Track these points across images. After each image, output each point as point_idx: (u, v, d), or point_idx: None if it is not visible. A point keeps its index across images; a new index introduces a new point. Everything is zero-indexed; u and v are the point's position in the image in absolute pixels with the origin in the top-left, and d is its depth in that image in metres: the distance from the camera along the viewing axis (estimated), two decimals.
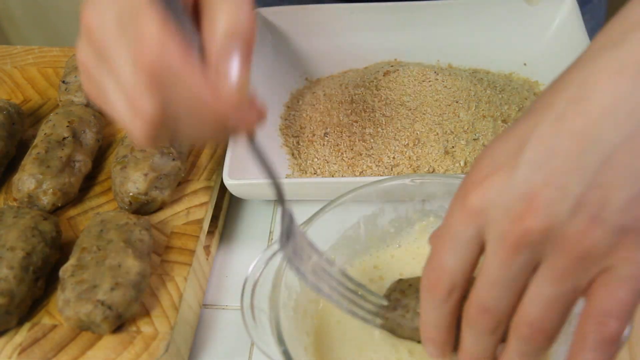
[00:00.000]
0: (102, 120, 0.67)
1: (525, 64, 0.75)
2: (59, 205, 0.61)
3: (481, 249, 0.39)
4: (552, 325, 0.37)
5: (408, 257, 0.55)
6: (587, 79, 0.36)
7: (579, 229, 0.35)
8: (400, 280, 0.50)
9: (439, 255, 0.40)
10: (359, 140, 0.66)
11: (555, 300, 0.37)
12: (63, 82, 0.70)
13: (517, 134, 0.37)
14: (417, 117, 0.66)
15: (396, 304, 0.48)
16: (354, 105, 0.69)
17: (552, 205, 0.35)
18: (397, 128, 0.66)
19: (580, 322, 0.37)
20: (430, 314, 0.41)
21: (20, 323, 0.54)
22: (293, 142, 0.69)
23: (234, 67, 0.40)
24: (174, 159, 0.61)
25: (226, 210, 0.67)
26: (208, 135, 0.42)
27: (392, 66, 0.73)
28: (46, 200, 0.60)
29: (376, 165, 0.65)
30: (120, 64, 0.39)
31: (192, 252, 0.58)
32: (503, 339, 0.40)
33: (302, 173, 0.66)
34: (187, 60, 0.38)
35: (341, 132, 0.67)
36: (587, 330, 0.36)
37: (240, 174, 0.61)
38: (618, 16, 0.37)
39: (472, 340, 0.40)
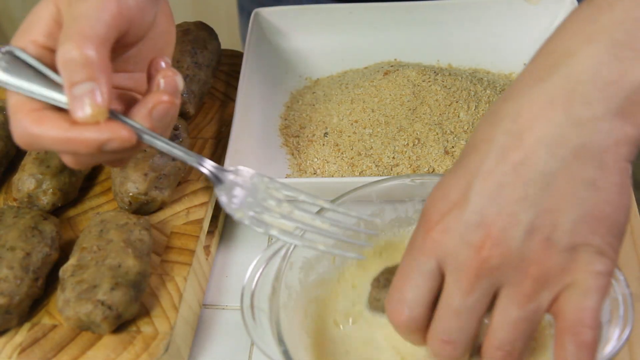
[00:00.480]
0: None
1: (525, 64, 0.75)
2: (59, 205, 0.61)
3: (440, 282, 0.41)
4: (522, 345, 0.40)
5: None
6: (521, 112, 0.39)
7: (534, 252, 0.38)
8: (389, 267, 0.51)
9: (400, 288, 0.42)
10: (358, 140, 0.66)
11: (522, 321, 0.39)
12: None
13: (465, 170, 0.40)
14: (417, 117, 0.66)
15: (386, 283, 0.49)
16: (354, 105, 0.69)
17: (506, 232, 0.38)
18: (397, 128, 0.66)
19: (557, 339, 0.39)
20: (405, 338, 0.44)
21: (20, 323, 0.54)
22: (293, 142, 0.69)
23: (84, 100, 0.43)
24: (174, 159, 0.61)
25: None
26: (109, 158, 0.48)
27: (392, 66, 0.73)
28: (46, 200, 0.60)
29: (376, 166, 0.65)
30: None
31: (192, 252, 0.58)
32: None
33: (302, 173, 0.66)
34: (41, 126, 0.43)
35: (341, 132, 0.67)
36: (565, 343, 0.39)
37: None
38: (544, 48, 0.42)
39: None
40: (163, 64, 0.48)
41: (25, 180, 0.60)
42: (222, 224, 0.65)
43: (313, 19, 0.78)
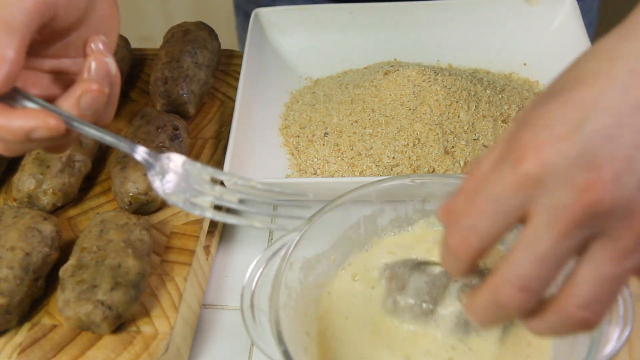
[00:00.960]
0: None
1: (525, 64, 0.75)
2: (59, 205, 0.61)
3: (520, 219, 0.36)
4: (606, 309, 0.36)
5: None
6: None
7: None
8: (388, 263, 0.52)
9: (473, 214, 0.37)
10: (359, 140, 0.66)
11: (615, 280, 0.35)
12: None
13: (575, 103, 0.35)
14: (417, 117, 0.66)
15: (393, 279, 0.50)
16: (354, 105, 0.69)
17: (619, 178, 0.34)
18: (397, 128, 0.66)
19: None
20: (457, 273, 0.39)
21: (20, 323, 0.54)
22: (293, 142, 0.69)
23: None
24: None
25: (226, 211, 0.67)
26: (42, 145, 0.47)
27: (392, 66, 0.73)
28: (46, 200, 0.60)
29: (376, 166, 0.65)
30: None
31: (192, 252, 0.58)
32: None
33: (302, 173, 0.66)
34: None
35: (341, 132, 0.67)
36: None
37: (240, 174, 0.61)
38: None
39: (496, 319, 0.38)
40: (97, 46, 0.47)
41: (25, 180, 0.60)
42: (222, 224, 0.65)
43: (313, 19, 0.78)
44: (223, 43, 0.76)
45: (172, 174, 0.47)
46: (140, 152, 0.47)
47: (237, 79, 0.71)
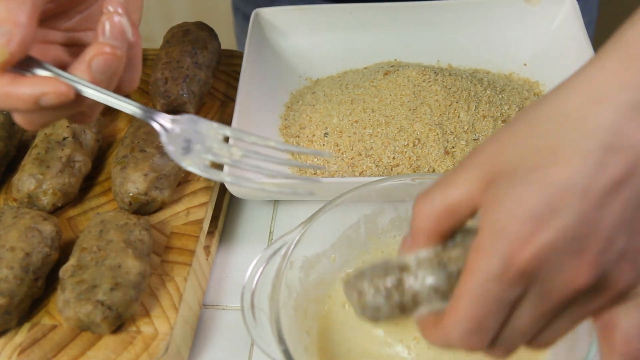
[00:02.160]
0: (102, 120, 0.67)
1: (525, 64, 0.75)
2: (59, 205, 0.61)
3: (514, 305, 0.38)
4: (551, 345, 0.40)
5: None
6: (621, 125, 0.35)
7: (619, 274, 0.36)
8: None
9: (477, 318, 0.38)
10: (359, 141, 0.66)
11: (571, 330, 0.39)
12: None
13: (550, 184, 0.36)
14: (417, 117, 0.66)
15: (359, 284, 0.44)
16: (354, 105, 0.69)
17: (602, 257, 0.36)
18: (397, 128, 0.66)
19: (607, 350, 0.39)
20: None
21: (20, 323, 0.54)
22: (293, 142, 0.69)
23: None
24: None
25: (226, 210, 0.67)
26: (59, 115, 0.47)
27: (392, 66, 0.73)
28: (46, 200, 0.60)
29: (376, 166, 0.65)
30: None
31: (192, 252, 0.58)
32: None
33: (302, 173, 0.66)
34: None
35: (341, 133, 0.67)
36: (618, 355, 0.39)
37: (240, 174, 0.61)
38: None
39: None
40: (115, 8, 0.46)
41: (25, 180, 0.60)
42: (222, 224, 0.65)
43: (313, 19, 0.78)
44: (223, 43, 0.76)
45: (187, 137, 0.46)
46: (157, 119, 0.46)
47: (237, 79, 0.71)
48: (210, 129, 0.46)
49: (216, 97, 0.72)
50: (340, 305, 0.53)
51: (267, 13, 0.77)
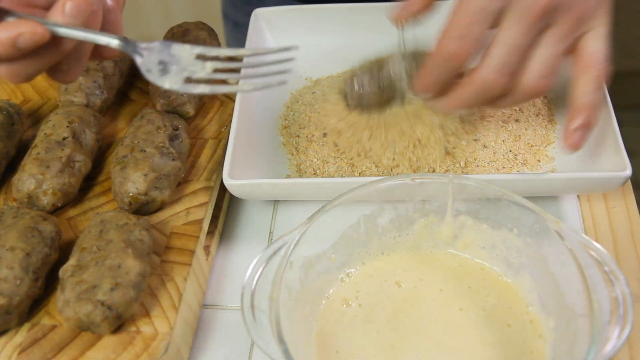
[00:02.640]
0: (102, 120, 0.67)
1: None
2: (59, 205, 0.61)
3: (495, 24, 0.49)
4: (553, 76, 0.51)
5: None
6: None
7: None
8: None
9: (464, 26, 0.49)
10: (358, 141, 0.66)
11: (555, 57, 0.50)
12: None
13: None
14: (417, 118, 0.66)
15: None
16: None
17: None
18: (397, 130, 0.66)
19: (578, 73, 0.52)
20: (437, 76, 0.52)
21: (20, 323, 0.54)
22: (293, 142, 0.69)
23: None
24: (173, 159, 0.61)
25: (226, 210, 0.67)
26: (41, 62, 0.49)
27: None
28: (46, 200, 0.60)
29: (376, 166, 0.64)
30: None
31: (192, 252, 0.58)
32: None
33: (302, 173, 0.66)
34: None
35: (340, 133, 0.67)
36: (585, 75, 0.52)
37: (240, 174, 0.61)
38: None
39: (477, 102, 0.53)
40: None
41: (25, 180, 0.60)
42: (222, 224, 0.65)
43: (313, 19, 0.77)
44: (223, 43, 0.76)
45: (163, 60, 0.49)
46: (132, 47, 0.49)
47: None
48: (183, 50, 0.50)
49: (216, 97, 0.72)
50: (340, 305, 0.53)
51: (267, 13, 0.77)
